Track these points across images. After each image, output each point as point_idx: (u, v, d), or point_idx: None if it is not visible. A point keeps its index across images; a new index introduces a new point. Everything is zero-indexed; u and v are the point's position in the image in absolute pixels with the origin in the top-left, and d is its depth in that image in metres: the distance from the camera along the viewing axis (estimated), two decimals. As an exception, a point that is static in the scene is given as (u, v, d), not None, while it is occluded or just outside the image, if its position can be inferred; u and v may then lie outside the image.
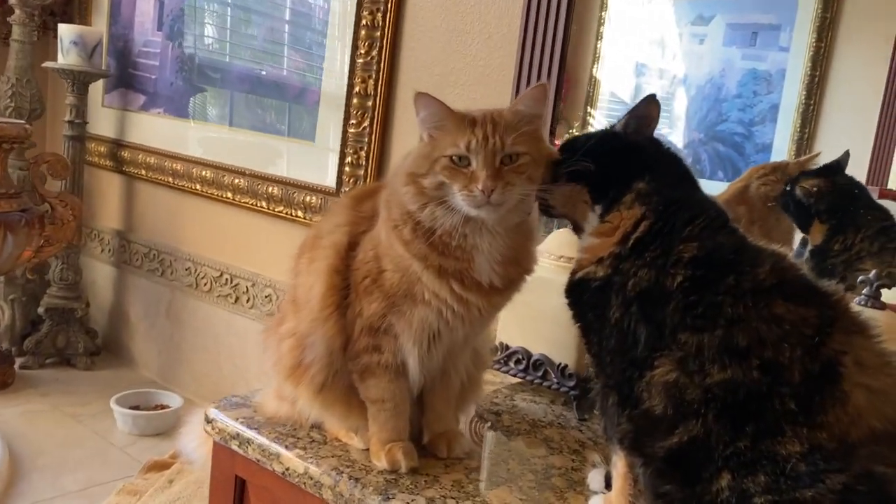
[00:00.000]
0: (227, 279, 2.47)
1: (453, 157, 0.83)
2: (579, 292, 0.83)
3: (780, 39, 1.38)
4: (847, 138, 1.31)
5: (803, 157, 1.35)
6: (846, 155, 1.26)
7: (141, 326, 2.84)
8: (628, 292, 0.77)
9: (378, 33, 1.94)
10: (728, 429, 0.68)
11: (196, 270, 2.58)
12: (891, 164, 1.25)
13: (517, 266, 0.91)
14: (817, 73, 1.32)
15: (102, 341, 2.96)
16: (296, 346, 0.97)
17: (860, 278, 1.09)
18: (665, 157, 0.87)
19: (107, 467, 2.11)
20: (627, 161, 0.84)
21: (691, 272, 0.74)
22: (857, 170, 1.26)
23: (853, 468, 0.63)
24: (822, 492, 0.62)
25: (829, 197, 1.26)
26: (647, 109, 0.86)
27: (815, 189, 1.26)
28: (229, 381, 2.43)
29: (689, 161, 1.00)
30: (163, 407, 2.44)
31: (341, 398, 0.96)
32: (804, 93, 1.34)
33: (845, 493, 0.62)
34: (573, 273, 0.85)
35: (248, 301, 2.39)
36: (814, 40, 1.32)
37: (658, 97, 0.87)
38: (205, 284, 2.54)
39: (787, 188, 1.30)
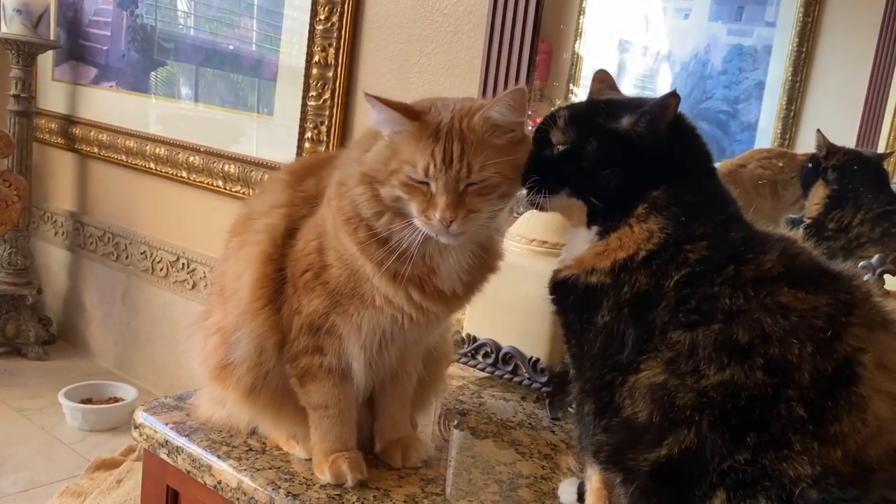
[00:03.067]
0: (183, 264, 2.33)
1: (412, 177, 0.72)
2: (564, 293, 0.72)
3: (766, 14, 1.34)
4: (834, 117, 1.28)
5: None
6: (886, 155, 1.21)
7: (97, 314, 2.70)
8: (623, 295, 0.67)
9: (339, -4, 1.79)
10: (725, 439, 0.59)
11: (152, 254, 2.44)
12: (878, 143, 1.21)
13: (483, 269, 0.82)
14: (804, 49, 1.28)
15: (57, 329, 2.83)
16: (222, 343, 0.85)
17: (861, 264, 0.99)
18: (684, 151, 0.72)
19: (51, 466, 1.98)
20: (637, 176, 0.70)
21: (691, 269, 0.64)
22: (844, 149, 1.21)
23: (870, 497, 0.55)
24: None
25: (844, 160, 1.18)
26: (666, 102, 0.71)
27: (838, 151, 1.18)
28: (188, 372, 2.29)
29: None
30: (116, 400, 2.30)
31: (274, 402, 0.86)
32: (790, 69, 1.29)
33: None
34: (557, 272, 0.73)
35: (205, 287, 2.25)
36: (801, 15, 1.27)
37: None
38: (161, 269, 2.40)
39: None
